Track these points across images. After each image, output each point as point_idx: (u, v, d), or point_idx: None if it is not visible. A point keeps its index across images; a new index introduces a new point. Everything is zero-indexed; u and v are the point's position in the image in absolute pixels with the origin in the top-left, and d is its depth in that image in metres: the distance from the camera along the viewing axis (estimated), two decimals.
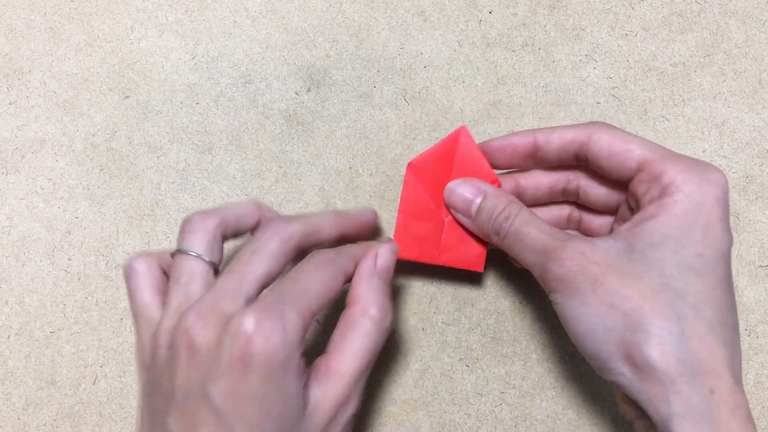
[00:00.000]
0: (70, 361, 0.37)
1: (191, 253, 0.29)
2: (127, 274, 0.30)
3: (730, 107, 0.38)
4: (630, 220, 0.28)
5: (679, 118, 0.38)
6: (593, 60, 0.38)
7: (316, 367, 0.28)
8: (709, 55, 0.38)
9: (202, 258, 0.29)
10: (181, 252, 0.29)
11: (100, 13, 0.40)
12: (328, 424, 0.27)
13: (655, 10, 0.39)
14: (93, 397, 0.36)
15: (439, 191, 0.34)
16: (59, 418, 0.36)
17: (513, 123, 0.38)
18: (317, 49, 0.39)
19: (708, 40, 0.38)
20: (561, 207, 0.35)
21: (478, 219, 0.33)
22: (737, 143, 0.37)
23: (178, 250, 0.29)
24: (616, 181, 0.31)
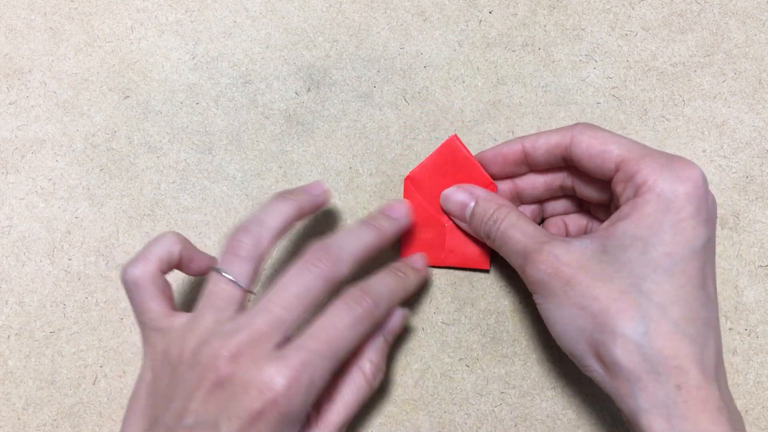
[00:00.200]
0: (70, 361, 0.37)
1: (231, 278, 0.29)
2: (130, 288, 0.30)
3: (730, 107, 0.38)
4: (609, 219, 0.29)
5: (679, 118, 0.38)
6: (593, 60, 0.38)
7: (311, 412, 0.30)
8: (709, 55, 0.38)
9: (239, 285, 0.29)
10: (220, 272, 0.29)
11: (100, 13, 0.40)
12: None
13: (655, 10, 0.39)
14: (93, 397, 0.36)
15: (438, 198, 0.36)
16: (59, 418, 0.36)
17: (513, 123, 0.38)
18: (317, 49, 0.39)
19: (708, 40, 0.38)
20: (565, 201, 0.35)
21: (472, 223, 0.34)
22: (737, 143, 0.37)
23: (218, 270, 0.29)
24: (603, 180, 0.31)
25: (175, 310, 0.31)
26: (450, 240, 0.36)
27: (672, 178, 0.27)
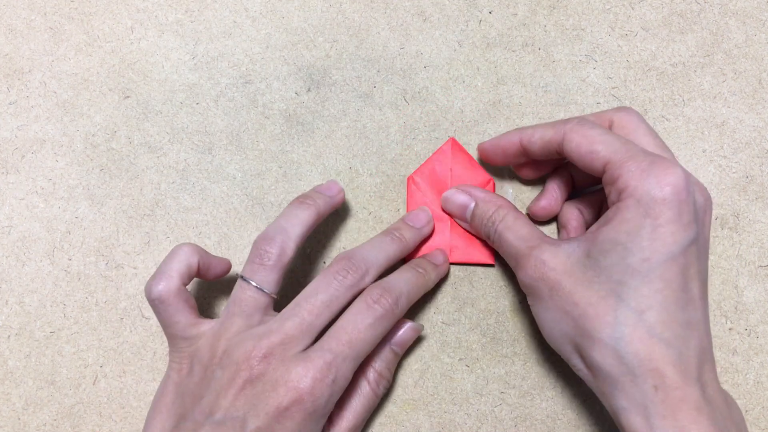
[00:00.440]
0: (70, 361, 0.37)
1: (257, 286, 0.31)
2: (156, 305, 0.31)
3: (730, 107, 0.38)
4: (597, 221, 0.30)
5: (679, 118, 0.38)
6: (593, 60, 0.38)
7: None
8: (709, 55, 0.38)
9: (265, 292, 0.31)
10: (247, 281, 0.31)
11: (100, 13, 0.40)
12: None
13: (655, 10, 0.39)
14: (93, 397, 0.36)
15: (440, 198, 0.36)
16: (59, 418, 0.36)
17: (513, 123, 0.38)
18: (317, 49, 0.39)
19: (708, 40, 0.38)
20: None
21: (473, 224, 0.35)
22: (737, 143, 0.37)
23: (245, 279, 0.31)
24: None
25: (199, 318, 0.32)
26: (454, 237, 0.36)
27: (651, 183, 0.27)
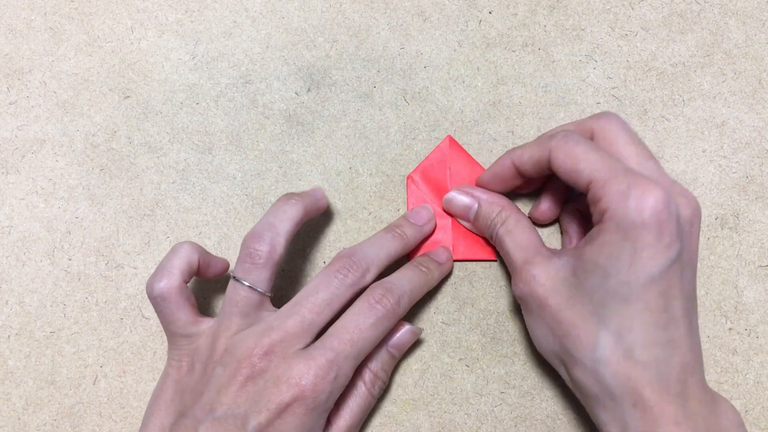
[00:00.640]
0: (70, 361, 0.37)
1: (250, 286, 0.31)
2: (158, 302, 0.31)
3: (730, 107, 0.38)
4: (585, 236, 0.30)
5: (679, 118, 0.38)
6: (593, 60, 0.38)
7: None
8: (709, 55, 0.38)
9: (258, 291, 0.31)
10: (240, 281, 0.31)
11: (100, 13, 0.40)
12: None
13: (655, 10, 0.39)
14: (93, 397, 0.36)
15: (440, 195, 0.37)
16: (59, 418, 0.36)
17: (513, 123, 0.38)
18: (317, 49, 0.39)
19: (708, 40, 0.38)
20: None
21: (476, 224, 0.35)
22: (737, 143, 0.37)
23: (238, 279, 0.31)
24: None
25: (200, 316, 0.32)
26: (456, 234, 0.36)
27: (630, 207, 0.27)
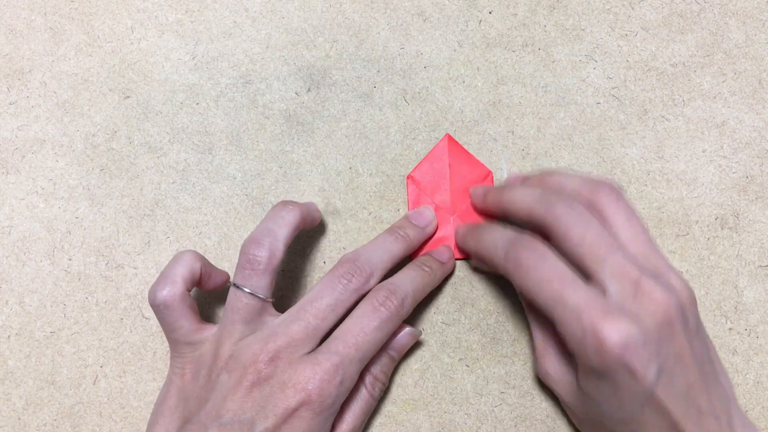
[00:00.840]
0: (70, 361, 0.37)
1: (251, 292, 0.31)
2: (160, 310, 0.31)
3: (730, 107, 0.38)
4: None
5: (679, 118, 0.38)
6: (593, 60, 0.38)
7: None
8: (709, 55, 0.38)
9: (259, 297, 0.31)
10: (240, 288, 0.31)
11: (100, 13, 0.40)
12: None
13: (655, 10, 0.39)
14: (93, 397, 0.36)
15: (441, 194, 0.37)
16: (59, 418, 0.36)
17: (513, 123, 0.38)
18: (317, 49, 0.39)
19: (708, 40, 0.38)
20: None
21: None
22: (737, 143, 0.37)
23: (238, 286, 0.31)
24: None
25: (202, 323, 0.32)
26: None
27: (591, 355, 0.27)
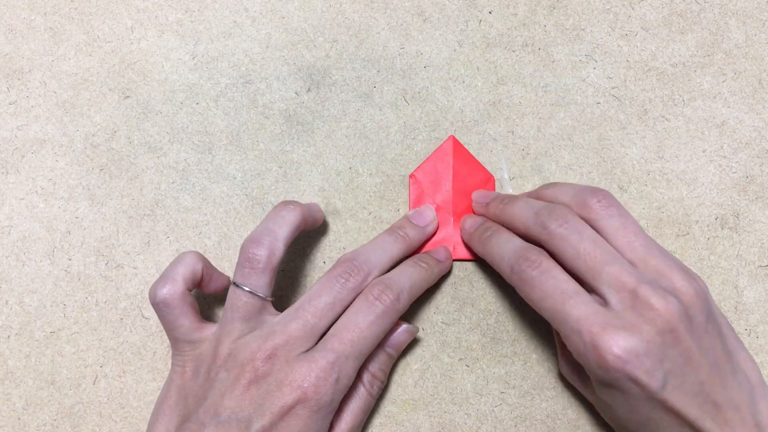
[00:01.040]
0: (70, 361, 0.37)
1: (251, 291, 0.31)
2: (161, 308, 0.32)
3: (730, 107, 0.38)
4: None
5: (679, 118, 0.38)
6: (593, 60, 0.38)
7: None
8: (709, 55, 0.38)
9: (259, 296, 0.31)
10: (240, 287, 0.31)
11: (100, 13, 0.40)
12: None
13: (655, 10, 0.39)
14: (93, 397, 0.36)
15: (442, 194, 0.37)
16: (59, 418, 0.36)
17: (513, 123, 0.38)
18: (317, 49, 0.39)
19: (708, 40, 0.38)
20: None
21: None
22: (737, 143, 0.37)
23: (238, 285, 0.31)
24: None
25: (203, 322, 0.33)
26: (458, 234, 0.36)
27: (594, 368, 0.28)
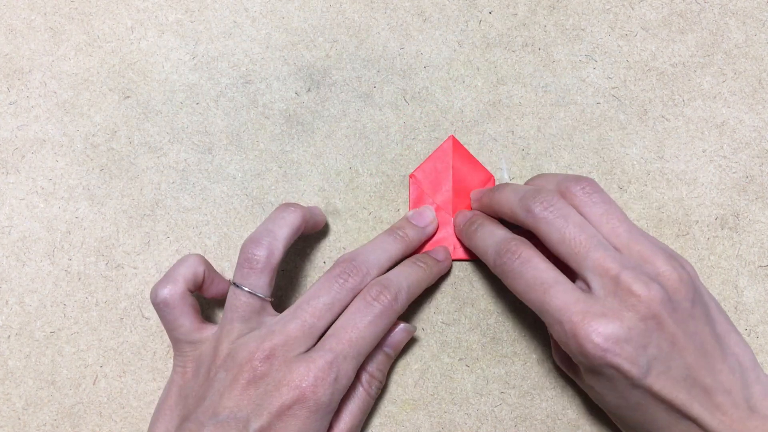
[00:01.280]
0: (70, 361, 0.37)
1: (250, 291, 0.31)
2: (161, 308, 0.32)
3: (730, 107, 0.38)
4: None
5: (679, 118, 0.38)
6: (593, 60, 0.38)
7: None
8: (709, 55, 0.38)
9: (258, 296, 0.31)
10: (239, 287, 0.31)
11: (100, 13, 0.40)
12: None
13: (655, 10, 0.39)
14: (93, 397, 0.36)
15: (442, 194, 0.37)
16: (59, 418, 0.36)
17: (513, 123, 0.38)
18: (317, 49, 0.39)
19: (708, 40, 0.38)
20: None
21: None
22: (737, 143, 0.37)
23: (237, 285, 0.31)
24: None
25: (203, 322, 0.33)
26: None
27: (577, 356, 0.29)
